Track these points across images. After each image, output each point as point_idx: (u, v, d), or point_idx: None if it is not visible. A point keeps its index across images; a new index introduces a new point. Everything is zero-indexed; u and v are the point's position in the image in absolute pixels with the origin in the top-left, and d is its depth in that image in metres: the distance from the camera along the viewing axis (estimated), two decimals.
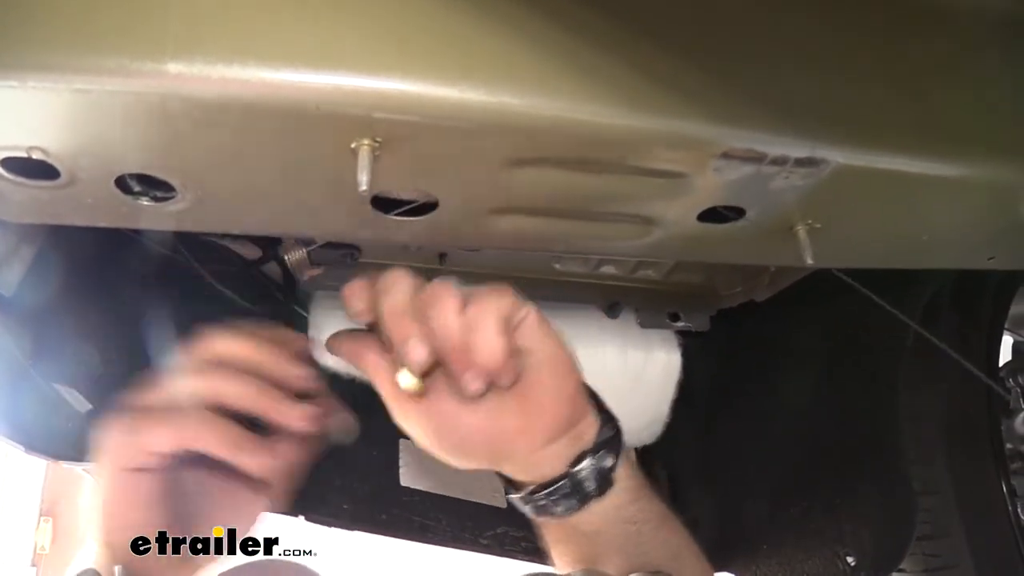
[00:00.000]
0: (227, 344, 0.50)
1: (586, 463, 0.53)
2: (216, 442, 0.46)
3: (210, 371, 0.49)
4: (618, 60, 0.45)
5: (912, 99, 0.51)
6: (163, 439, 0.46)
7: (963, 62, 0.53)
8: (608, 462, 0.54)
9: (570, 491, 0.54)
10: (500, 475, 0.57)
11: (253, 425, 0.49)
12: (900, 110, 0.51)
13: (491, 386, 0.48)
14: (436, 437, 0.50)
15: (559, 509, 0.55)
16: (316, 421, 0.50)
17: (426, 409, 0.49)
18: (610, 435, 0.54)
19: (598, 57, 0.45)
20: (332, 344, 0.53)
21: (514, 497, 0.57)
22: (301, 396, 0.51)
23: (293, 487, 0.54)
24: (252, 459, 0.47)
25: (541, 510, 0.56)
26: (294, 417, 0.49)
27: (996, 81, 0.54)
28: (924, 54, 0.52)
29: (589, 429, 0.54)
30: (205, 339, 0.50)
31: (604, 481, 0.54)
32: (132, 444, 0.46)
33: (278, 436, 0.51)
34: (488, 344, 0.45)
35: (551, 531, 0.59)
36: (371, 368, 0.50)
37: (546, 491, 0.54)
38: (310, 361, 0.53)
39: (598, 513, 0.55)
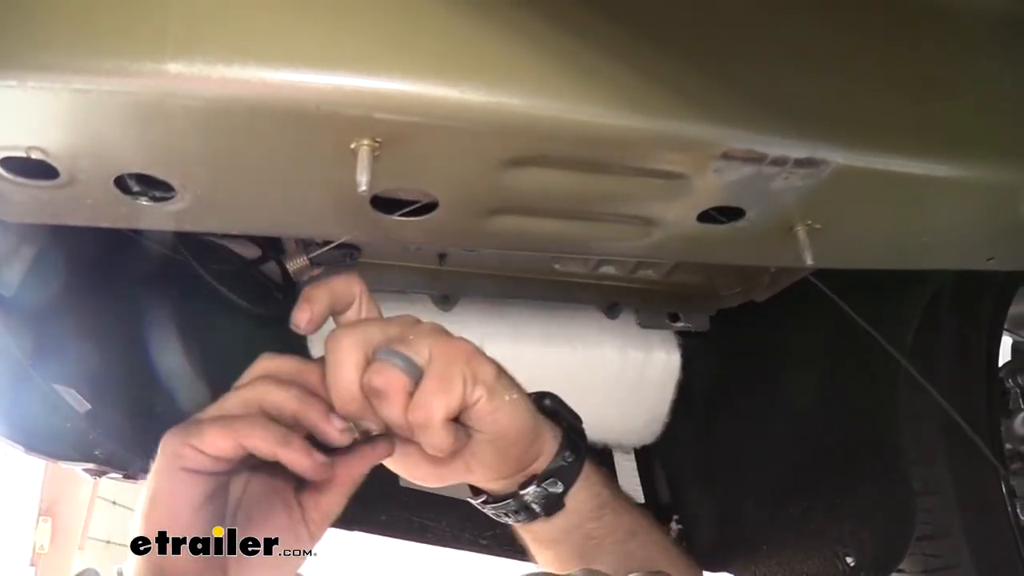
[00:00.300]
0: (274, 361, 0.52)
1: (531, 489, 0.57)
2: (265, 437, 0.47)
3: (257, 383, 0.51)
4: (618, 61, 0.45)
5: (912, 100, 0.51)
6: (219, 440, 0.47)
7: (963, 63, 0.53)
8: (557, 489, 0.57)
9: (517, 509, 0.58)
10: None
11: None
12: (900, 111, 0.51)
13: None
14: (389, 461, 0.55)
15: (510, 520, 0.60)
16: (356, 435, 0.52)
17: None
18: (565, 464, 0.57)
19: (598, 58, 0.45)
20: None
21: (471, 501, 0.62)
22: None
23: (342, 504, 0.55)
24: (300, 456, 0.48)
25: (496, 516, 0.60)
26: (337, 427, 0.50)
27: (996, 81, 0.54)
28: (924, 56, 0.52)
29: (542, 463, 0.57)
30: (256, 361, 0.53)
31: (552, 505, 0.58)
32: (191, 445, 0.48)
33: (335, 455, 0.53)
34: (431, 443, 0.49)
35: (518, 532, 0.63)
36: None
37: (495, 505, 0.59)
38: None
39: (555, 526, 0.59)
